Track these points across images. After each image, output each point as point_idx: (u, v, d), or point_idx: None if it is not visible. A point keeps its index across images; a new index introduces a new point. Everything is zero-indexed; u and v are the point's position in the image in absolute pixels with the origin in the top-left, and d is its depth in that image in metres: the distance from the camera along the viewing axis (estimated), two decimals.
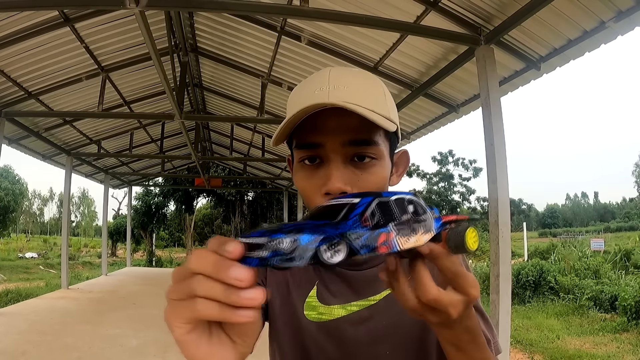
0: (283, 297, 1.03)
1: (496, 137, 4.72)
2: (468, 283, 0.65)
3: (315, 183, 0.87)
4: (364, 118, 0.80)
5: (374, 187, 0.87)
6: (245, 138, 14.41)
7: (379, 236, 0.60)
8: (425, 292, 0.65)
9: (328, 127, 0.85)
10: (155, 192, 31.70)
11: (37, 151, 11.83)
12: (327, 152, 0.86)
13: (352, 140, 0.85)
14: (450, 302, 0.65)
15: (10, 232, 45.55)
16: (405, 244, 0.62)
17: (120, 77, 9.28)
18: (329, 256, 0.55)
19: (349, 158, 0.86)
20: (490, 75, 4.90)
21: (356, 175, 0.86)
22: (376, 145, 0.87)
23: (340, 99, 0.82)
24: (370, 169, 0.87)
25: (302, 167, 0.90)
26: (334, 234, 0.56)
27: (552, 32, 4.91)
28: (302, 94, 0.89)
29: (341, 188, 0.83)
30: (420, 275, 0.66)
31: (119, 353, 6.31)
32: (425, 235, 0.66)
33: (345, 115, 0.82)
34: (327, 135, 0.85)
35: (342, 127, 0.84)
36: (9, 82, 7.91)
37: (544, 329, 9.18)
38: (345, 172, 0.85)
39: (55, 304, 9.92)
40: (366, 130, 0.85)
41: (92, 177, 16.89)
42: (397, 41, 6.15)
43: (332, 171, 0.84)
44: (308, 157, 0.88)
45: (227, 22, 7.50)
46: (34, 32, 6.70)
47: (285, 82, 8.90)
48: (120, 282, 14.42)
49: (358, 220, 0.59)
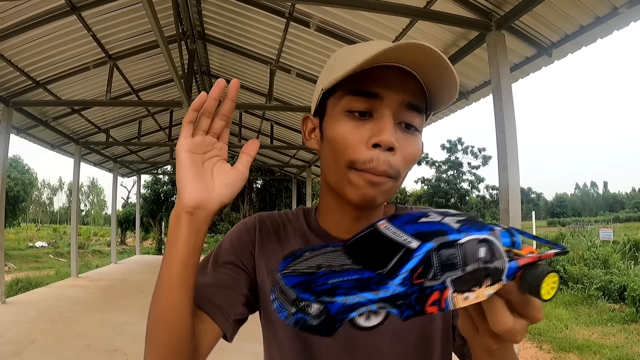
0: None
1: (507, 124, 4.68)
2: (535, 309, 0.59)
3: (362, 134, 0.82)
4: (420, 85, 0.83)
5: (413, 159, 0.85)
6: (253, 125, 14.43)
7: (430, 295, 0.51)
8: (500, 323, 0.58)
9: (391, 82, 0.81)
10: (164, 180, 31.80)
11: (45, 140, 11.88)
12: (383, 107, 0.81)
13: (410, 104, 0.82)
14: (521, 329, 0.59)
15: (20, 222, 46.00)
16: (461, 303, 0.52)
17: (128, 65, 9.26)
18: (362, 321, 0.50)
19: (398, 121, 0.83)
20: (502, 61, 4.85)
21: (401, 140, 0.83)
22: (422, 115, 0.86)
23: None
24: (413, 138, 0.85)
25: (348, 117, 0.84)
26: (373, 300, 0.50)
27: (564, 17, 4.84)
28: (366, 49, 0.82)
29: (393, 144, 0.79)
30: (495, 306, 0.58)
31: (129, 340, 6.32)
32: (491, 288, 0.53)
33: (408, 77, 0.81)
34: (388, 90, 0.81)
35: (404, 86, 0.82)
36: (17, 71, 7.91)
37: (553, 318, 9.13)
38: (395, 132, 0.82)
39: (64, 293, 9.96)
40: (422, 98, 0.84)
41: (101, 165, 16.93)
42: (406, 27, 6.08)
43: (385, 125, 0.80)
44: (359, 111, 0.83)
45: (235, 9, 7.46)
46: (40, 21, 6.70)
47: (293, 69, 8.87)
48: (129, 270, 14.46)
49: (409, 277, 0.50)
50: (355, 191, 0.83)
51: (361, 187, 0.82)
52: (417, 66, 0.80)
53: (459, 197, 30.97)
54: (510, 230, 0.58)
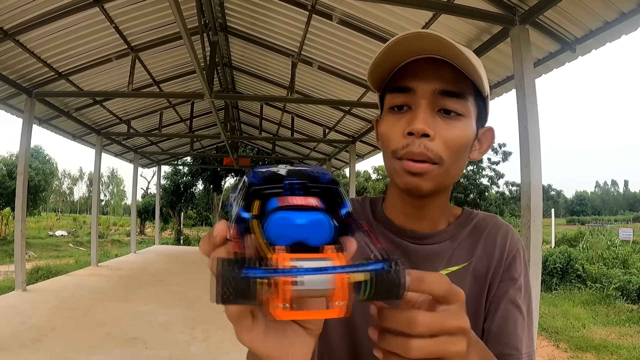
0: None
1: (530, 120, 4.63)
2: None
3: (400, 126, 0.86)
4: (457, 71, 0.84)
5: (456, 143, 0.85)
6: (274, 118, 14.41)
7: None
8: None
9: (421, 74, 0.85)
10: (183, 171, 32.04)
11: (67, 131, 11.99)
12: (417, 98, 0.85)
13: (443, 90, 0.84)
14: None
15: (40, 211, 46.52)
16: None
17: (150, 56, 9.30)
18: None
19: (437, 109, 0.85)
20: (525, 56, 4.81)
21: (440, 126, 0.85)
22: (464, 100, 0.86)
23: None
24: (455, 123, 0.86)
25: (391, 113, 0.89)
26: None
27: (589, 13, 4.77)
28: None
29: (424, 130, 0.82)
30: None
31: (148, 329, 6.39)
32: None
33: (440, 65, 0.84)
34: (419, 81, 0.85)
35: (435, 75, 0.84)
36: (39, 62, 7.99)
37: (570, 317, 9.08)
38: (431, 118, 0.84)
39: (84, 281, 10.09)
40: (457, 83, 0.85)
41: (122, 156, 17.05)
42: (429, 20, 6.05)
43: (418, 113, 0.84)
44: (397, 105, 0.88)
45: (257, 1, 7.46)
46: (63, 12, 6.77)
47: (315, 62, 8.84)
48: (148, 260, 14.62)
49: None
50: (401, 179, 0.87)
51: (403, 174, 0.86)
52: (441, 53, 0.83)
53: (478, 192, 30.65)
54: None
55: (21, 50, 7.40)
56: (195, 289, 9.36)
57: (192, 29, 7.04)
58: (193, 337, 6.14)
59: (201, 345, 5.83)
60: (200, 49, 7.54)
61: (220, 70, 10.61)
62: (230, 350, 5.56)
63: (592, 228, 27.23)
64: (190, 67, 10.18)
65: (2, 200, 33.12)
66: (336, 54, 8.24)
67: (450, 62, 0.84)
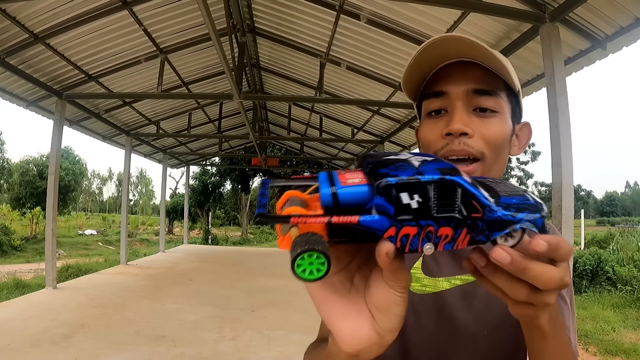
0: None
1: (561, 119, 4.58)
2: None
3: (438, 129, 0.90)
4: (486, 70, 0.88)
5: (495, 139, 0.88)
6: (302, 118, 14.43)
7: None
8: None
9: (452, 77, 0.89)
10: (212, 171, 32.31)
11: (97, 132, 12.16)
12: (452, 100, 0.89)
13: (475, 90, 0.88)
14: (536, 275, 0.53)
15: (70, 210, 47.39)
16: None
17: (179, 58, 9.39)
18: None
19: (472, 108, 0.89)
20: (556, 54, 4.75)
21: (477, 124, 0.88)
22: (497, 97, 0.89)
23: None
24: (491, 119, 0.89)
25: (429, 117, 0.94)
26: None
27: (620, 10, 4.69)
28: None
29: (462, 129, 0.86)
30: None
31: (177, 327, 6.43)
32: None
33: (469, 66, 0.89)
34: (451, 84, 0.89)
35: (466, 76, 0.88)
36: (70, 65, 8.13)
37: (600, 320, 8.90)
38: (467, 118, 0.88)
39: (114, 279, 10.21)
40: (488, 81, 0.89)
41: (151, 156, 17.25)
42: (458, 19, 6.00)
43: (454, 115, 0.88)
44: (434, 110, 0.92)
45: (284, 2, 7.48)
46: (93, 16, 6.89)
47: (344, 62, 8.83)
48: (177, 259, 14.72)
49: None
50: None
51: None
52: (468, 55, 0.88)
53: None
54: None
55: (52, 53, 7.54)
56: (224, 288, 9.42)
57: (220, 30, 7.10)
58: (222, 335, 6.15)
59: (229, 344, 5.83)
60: (228, 50, 7.60)
61: (249, 71, 10.67)
62: (259, 349, 5.57)
63: (622, 229, 26.65)
64: (218, 69, 10.28)
65: (33, 199, 33.90)
66: (364, 54, 8.21)
67: (479, 62, 0.88)
